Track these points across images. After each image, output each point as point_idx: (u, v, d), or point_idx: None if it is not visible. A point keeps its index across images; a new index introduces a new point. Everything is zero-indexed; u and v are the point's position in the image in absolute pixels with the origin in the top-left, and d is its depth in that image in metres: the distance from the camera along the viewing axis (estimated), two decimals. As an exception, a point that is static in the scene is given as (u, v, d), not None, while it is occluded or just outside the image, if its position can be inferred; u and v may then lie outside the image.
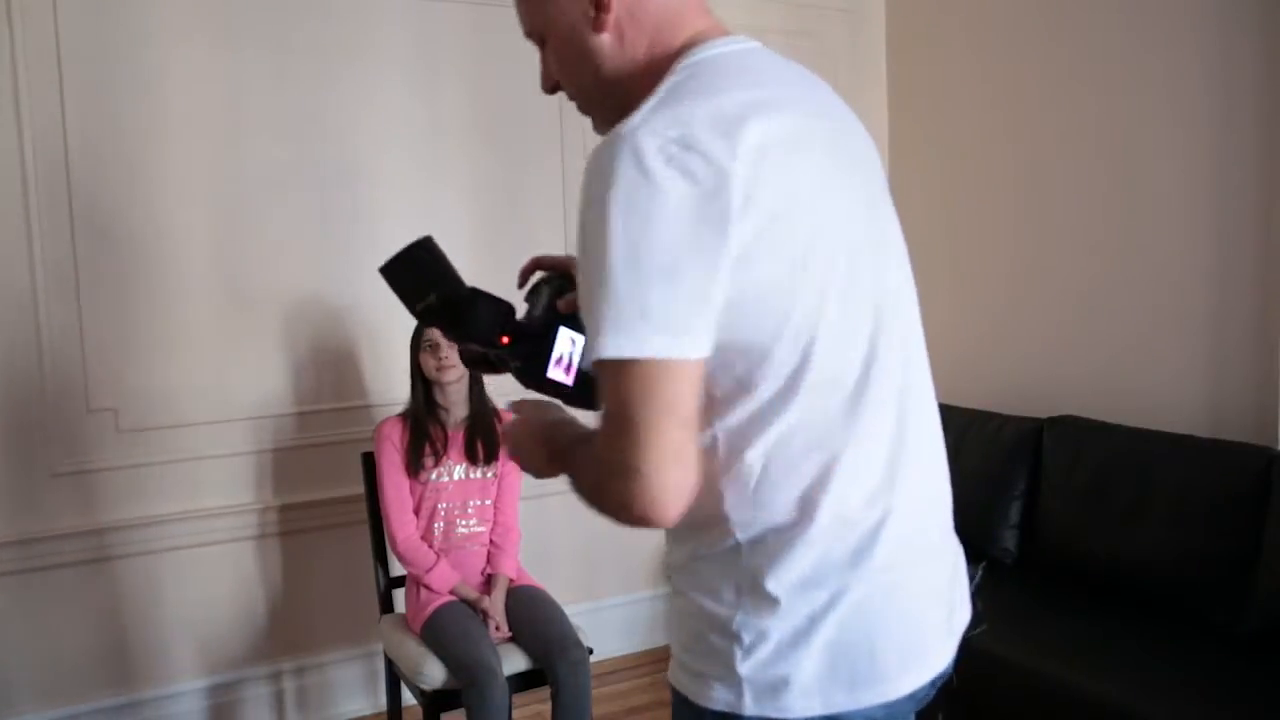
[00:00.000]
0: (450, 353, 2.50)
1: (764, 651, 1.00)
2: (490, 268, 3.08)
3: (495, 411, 2.60)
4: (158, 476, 2.71)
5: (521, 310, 1.23)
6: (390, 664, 2.57)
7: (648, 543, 3.46)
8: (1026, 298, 3.27)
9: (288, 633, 2.91)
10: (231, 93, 2.74)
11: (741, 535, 1.01)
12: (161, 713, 2.74)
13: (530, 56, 1.29)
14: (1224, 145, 2.66)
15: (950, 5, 3.51)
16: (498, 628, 2.42)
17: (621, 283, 0.89)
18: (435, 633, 2.39)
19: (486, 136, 3.08)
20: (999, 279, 3.37)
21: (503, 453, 2.58)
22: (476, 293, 1.18)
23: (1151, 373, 2.87)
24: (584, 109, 1.14)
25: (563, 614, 2.47)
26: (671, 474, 0.91)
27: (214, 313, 2.75)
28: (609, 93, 1.05)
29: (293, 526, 2.88)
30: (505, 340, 1.18)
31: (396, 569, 2.63)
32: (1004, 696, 2.30)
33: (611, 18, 1.03)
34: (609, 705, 2.98)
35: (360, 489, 2.68)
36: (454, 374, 2.51)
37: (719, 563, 1.03)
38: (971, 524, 3.00)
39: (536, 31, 1.12)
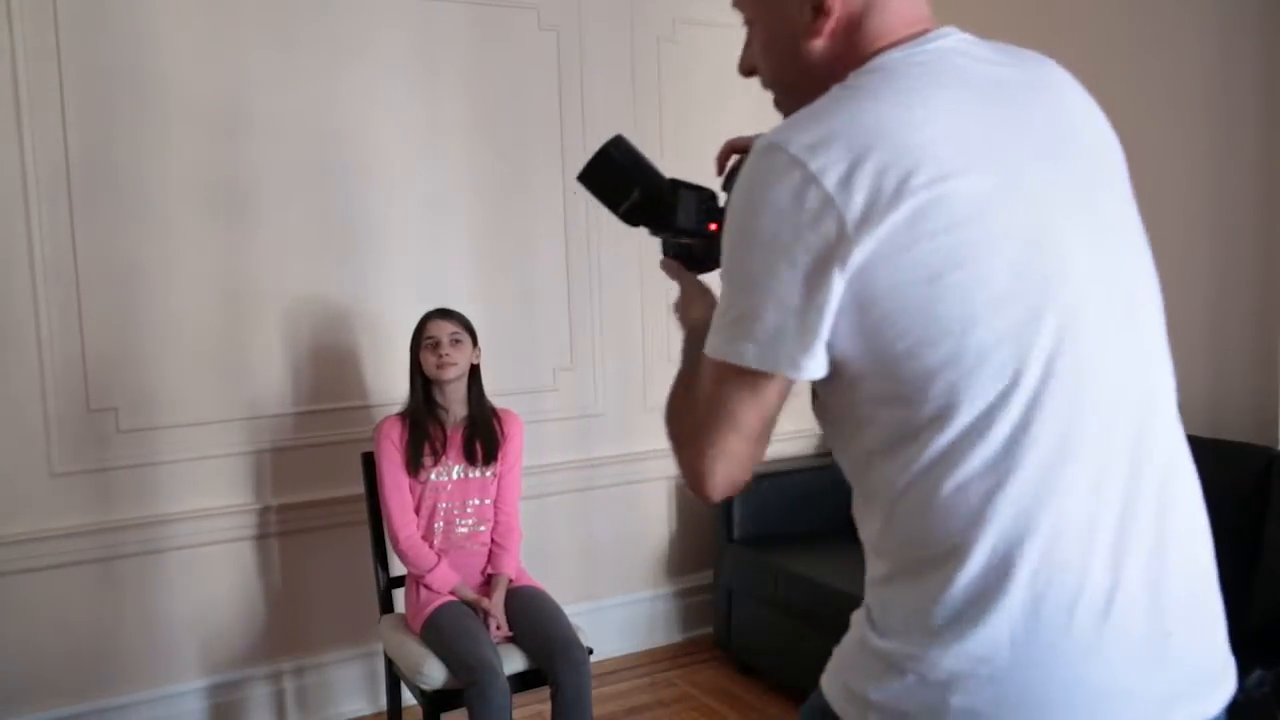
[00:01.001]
0: (451, 351, 2.50)
1: None
2: (491, 267, 3.10)
3: (494, 411, 2.61)
4: (158, 476, 2.71)
5: (722, 199, 1.16)
6: (390, 664, 2.57)
7: (648, 543, 3.47)
8: (1026, 298, 3.26)
9: (288, 633, 2.91)
10: (231, 92, 2.74)
11: None
12: (162, 713, 2.74)
13: (530, 56, 1.29)
14: (1223, 145, 2.66)
15: (949, 5, 3.50)
16: (499, 627, 2.42)
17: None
18: (435, 633, 2.39)
19: (486, 136, 3.08)
20: (999, 279, 3.37)
21: (502, 452, 2.58)
22: (678, 184, 1.17)
23: (1151, 373, 2.87)
24: (780, 102, 1.12)
25: (563, 614, 2.47)
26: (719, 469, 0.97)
27: (214, 312, 2.75)
28: (811, 94, 0.98)
29: (293, 526, 2.88)
30: (713, 227, 1.15)
31: (396, 569, 2.63)
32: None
33: (829, 25, 0.99)
34: (609, 705, 2.98)
35: (360, 489, 2.68)
36: (454, 372, 2.51)
37: None
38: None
39: (748, 17, 1.09)
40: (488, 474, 2.58)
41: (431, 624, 2.40)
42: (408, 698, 2.57)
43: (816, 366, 0.90)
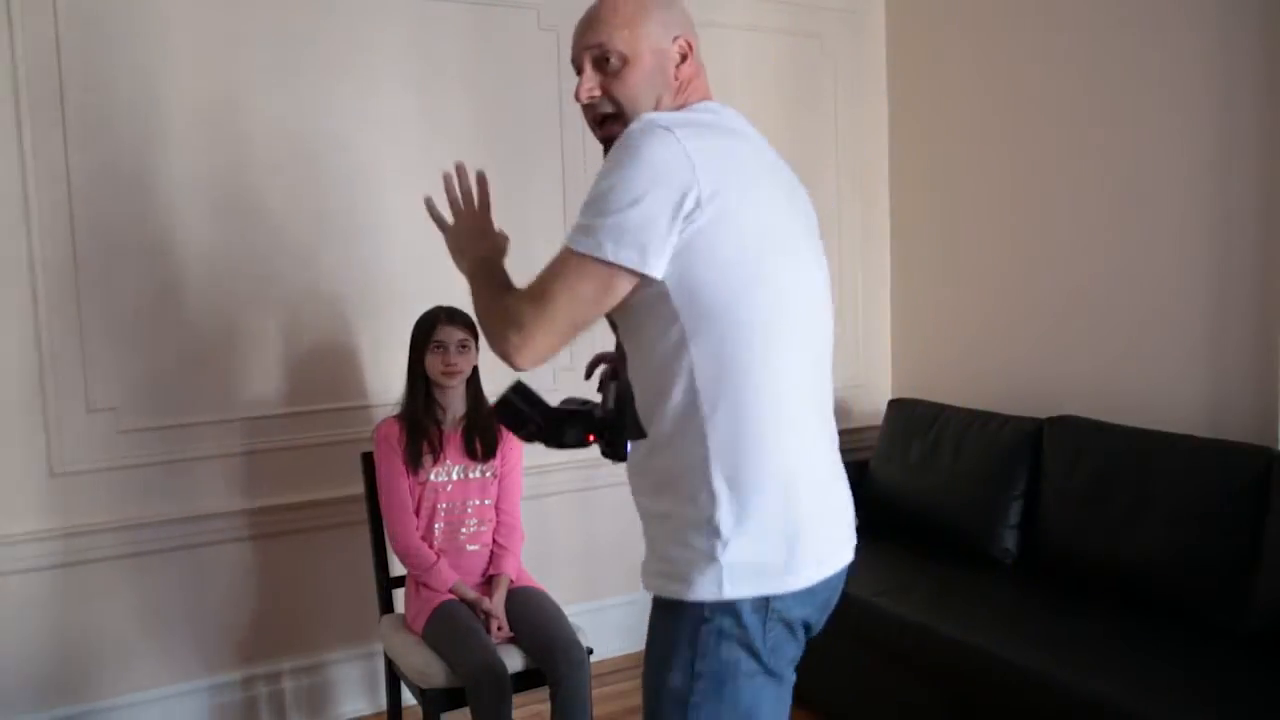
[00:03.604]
0: (458, 358, 2.49)
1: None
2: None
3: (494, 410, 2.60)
4: (158, 476, 2.71)
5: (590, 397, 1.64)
6: (390, 664, 2.57)
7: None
8: (1026, 298, 3.27)
9: (288, 633, 2.91)
10: (231, 92, 2.74)
11: None
12: (162, 713, 2.74)
13: (530, 56, 1.31)
14: (1224, 145, 2.66)
15: (950, 5, 3.51)
16: (500, 628, 2.42)
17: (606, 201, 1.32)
18: (435, 633, 2.39)
19: (486, 136, 3.08)
20: (999, 279, 3.37)
21: (501, 452, 2.58)
22: (563, 416, 1.58)
23: (1151, 373, 2.87)
24: (608, 125, 1.46)
25: (563, 614, 2.47)
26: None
27: (214, 313, 2.75)
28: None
29: (293, 526, 2.88)
30: (591, 439, 1.58)
31: (396, 569, 2.63)
32: (1004, 696, 2.30)
33: (686, 70, 1.47)
34: (609, 705, 2.98)
35: (360, 489, 2.68)
36: (459, 378, 2.51)
37: None
38: (971, 524, 3.03)
39: (621, 54, 1.42)
40: (488, 474, 2.57)
41: (432, 624, 2.40)
42: (408, 698, 2.57)
43: (659, 266, 1.28)
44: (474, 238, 1.70)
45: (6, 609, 2.57)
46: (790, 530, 1.34)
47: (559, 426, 1.57)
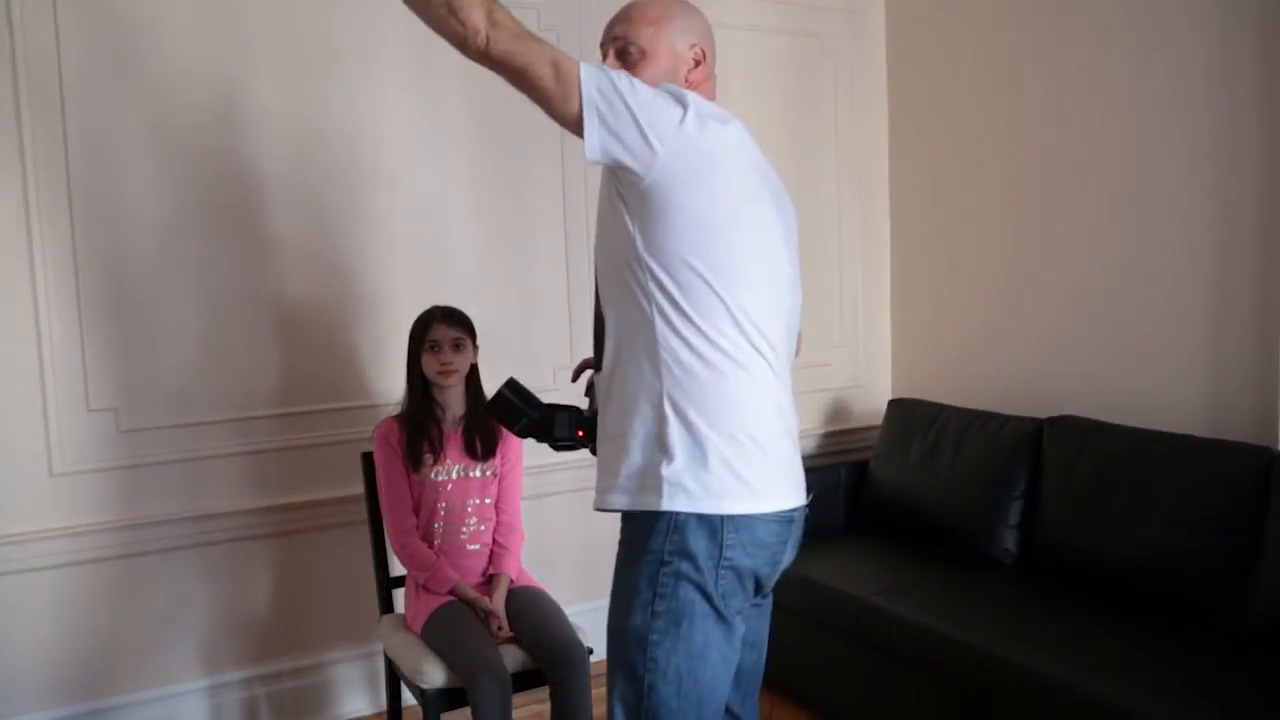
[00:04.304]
0: (454, 357, 2.49)
1: None
2: (491, 266, 3.10)
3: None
4: (158, 476, 2.71)
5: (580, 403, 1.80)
6: (390, 664, 2.57)
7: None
8: (1026, 297, 3.27)
9: (288, 633, 2.91)
10: (232, 92, 2.74)
11: None
12: (162, 713, 2.74)
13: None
14: (1224, 145, 2.66)
15: (950, 5, 3.51)
16: (500, 628, 2.42)
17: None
18: (435, 633, 2.38)
19: (486, 136, 3.08)
20: (999, 278, 3.37)
21: (501, 451, 2.58)
22: (554, 409, 1.74)
23: (1151, 373, 2.87)
24: None
25: (563, 615, 2.46)
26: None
27: (214, 312, 2.75)
28: None
29: (293, 526, 2.88)
30: (580, 434, 1.72)
31: (396, 569, 2.63)
32: (1004, 696, 2.30)
33: (697, 74, 1.65)
34: (609, 705, 2.98)
35: (360, 489, 2.68)
36: (455, 379, 2.51)
37: None
38: (971, 523, 3.03)
39: (641, 48, 1.61)
40: (487, 473, 2.57)
41: (432, 624, 2.40)
42: (408, 698, 2.57)
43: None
44: None
45: (6, 609, 2.57)
46: (738, 464, 1.51)
47: (550, 419, 1.72)
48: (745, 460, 1.52)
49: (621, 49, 1.62)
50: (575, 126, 1.48)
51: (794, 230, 1.69)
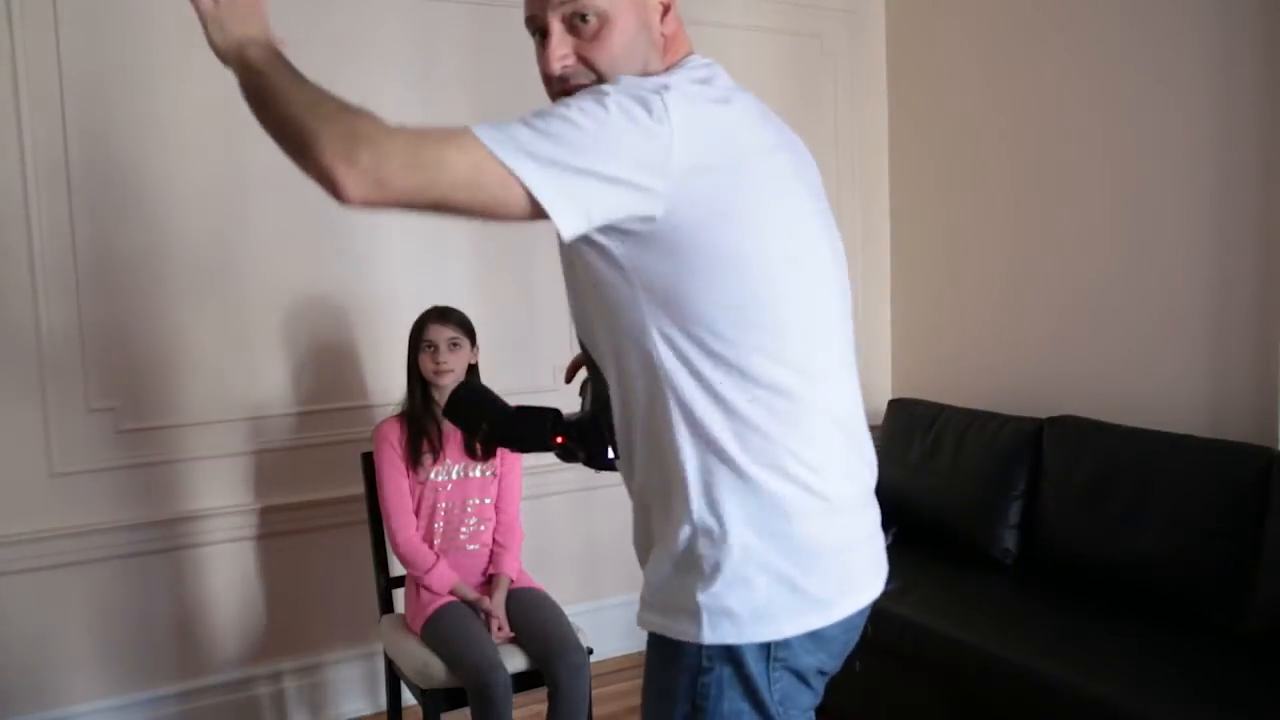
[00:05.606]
0: (449, 357, 2.49)
1: None
2: (490, 266, 3.10)
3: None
4: (157, 477, 2.71)
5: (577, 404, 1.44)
6: (390, 664, 2.57)
7: (648, 543, 3.46)
8: (1026, 297, 3.27)
9: (288, 633, 2.91)
10: (231, 92, 2.72)
11: None
12: (161, 713, 2.74)
13: (530, 56, 1.30)
14: (1224, 145, 2.66)
15: (950, 5, 3.51)
16: (500, 628, 2.42)
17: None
18: (435, 633, 2.39)
19: (486, 136, 3.07)
20: (999, 278, 3.37)
21: (501, 451, 2.58)
22: (518, 411, 1.40)
23: (1151, 372, 2.87)
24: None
25: (563, 615, 2.47)
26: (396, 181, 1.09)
27: (214, 312, 2.75)
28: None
29: (293, 526, 2.88)
30: (560, 440, 1.36)
31: (396, 569, 2.63)
32: (1004, 696, 2.30)
33: (670, 24, 1.26)
34: (609, 705, 2.98)
35: (360, 489, 2.68)
36: (451, 379, 2.51)
37: None
38: (971, 523, 3.03)
39: (600, 11, 1.20)
40: (487, 473, 2.58)
41: (432, 624, 2.40)
42: (408, 698, 2.57)
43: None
44: (243, 13, 1.31)
45: (6, 609, 2.57)
46: (791, 567, 1.18)
47: (512, 426, 1.41)
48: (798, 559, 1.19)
49: (571, 17, 1.21)
50: (537, 217, 1.13)
51: (823, 198, 1.33)
